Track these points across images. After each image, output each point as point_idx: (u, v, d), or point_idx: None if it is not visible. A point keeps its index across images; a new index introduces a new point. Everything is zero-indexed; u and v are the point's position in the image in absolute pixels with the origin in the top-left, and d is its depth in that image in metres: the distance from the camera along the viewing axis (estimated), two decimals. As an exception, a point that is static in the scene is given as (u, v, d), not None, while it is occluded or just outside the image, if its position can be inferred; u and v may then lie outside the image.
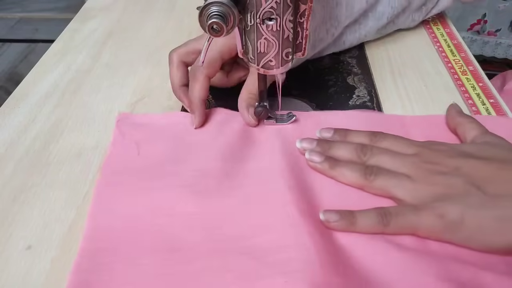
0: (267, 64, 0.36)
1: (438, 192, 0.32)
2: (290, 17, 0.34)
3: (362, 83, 0.49)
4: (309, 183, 0.36)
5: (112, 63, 0.54)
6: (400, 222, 0.31)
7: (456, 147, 0.35)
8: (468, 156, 0.33)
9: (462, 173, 0.32)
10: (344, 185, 0.35)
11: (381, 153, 0.36)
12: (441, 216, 0.30)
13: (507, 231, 0.28)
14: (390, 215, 0.31)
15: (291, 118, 0.42)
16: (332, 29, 0.46)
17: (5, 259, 0.32)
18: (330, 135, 0.39)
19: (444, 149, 0.35)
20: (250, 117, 0.41)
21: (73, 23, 0.64)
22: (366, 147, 0.36)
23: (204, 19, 0.32)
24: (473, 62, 0.51)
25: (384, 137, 0.37)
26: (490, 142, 0.36)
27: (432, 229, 0.30)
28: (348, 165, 0.35)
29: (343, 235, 0.32)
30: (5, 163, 0.40)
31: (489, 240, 0.29)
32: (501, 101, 0.45)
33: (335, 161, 0.36)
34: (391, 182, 0.33)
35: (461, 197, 0.31)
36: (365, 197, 0.34)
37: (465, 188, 0.31)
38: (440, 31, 0.58)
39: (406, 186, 0.33)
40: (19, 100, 0.48)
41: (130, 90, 0.49)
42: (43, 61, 0.55)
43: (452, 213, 0.30)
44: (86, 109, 0.47)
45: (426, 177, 0.33)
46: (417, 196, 0.32)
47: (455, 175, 0.32)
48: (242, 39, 0.36)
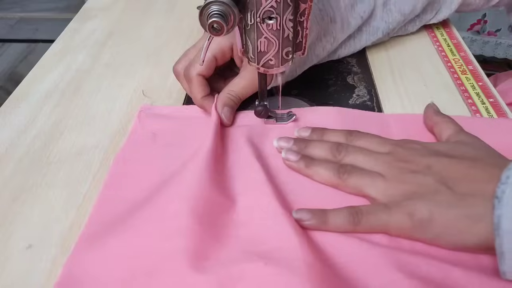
0: (267, 63, 0.37)
1: (409, 190, 0.32)
2: (290, 16, 0.34)
3: (362, 83, 0.49)
4: (286, 182, 0.36)
5: (112, 63, 0.54)
6: (370, 221, 0.31)
7: (429, 145, 0.36)
8: (439, 155, 0.34)
9: (433, 172, 0.32)
10: (320, 184, 0.36)
11: (355, 152, 0.36)
12: (410, 215, 0.30)
13: (474, 230, 0.29)
14: (361, 214, 0.31)
15: (291, 117, 0.42)
16: (328, 45, 0.46)
17: (5, 259, 0.32)
18: (308, 134, 0.40)
19: (417, 148, 0.35)
20: (223, 116, 0.41)
21: (73, 23, 0.64)
22: (341, 146, 0.37)
23: (204, 18, 0.32)
24: (472, 61, 0.51)
25: (360, 136, 0.38)
26: (463, 141, 0.36)
27: (401, 227, 0.31)
28: (323, 164, 0.36)
29: (318, 233, 0.32)
30: (5, 163, 0.40)
31: (457, 238, 0.29)
32: (500, 100, 0.45)
33: (310, 160, 0.36)
34: (364, 181, 0.34)
35: (430, 195, 0.31)
36: (341, 195, 0.35)
37: (435, 187, 0.31)
38: (440, 30, 0.58)
39: (379, 184, 0.33)
40: (19, 100, 0.48)
41: (130, 90, 0.49)
42: (43, 61, 0.55)
43: (421, 211, 0.30)
44: (86, 109, 0.47)
45: (398, 176, 0.33)
46: (389, 195, 0.32)
47: (426, 173, 0.32)
48: (242, 38, 0.36)
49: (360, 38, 0.49)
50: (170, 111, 0.45)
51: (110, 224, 0.33)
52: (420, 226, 0.30)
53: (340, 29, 0.46)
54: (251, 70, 0.41)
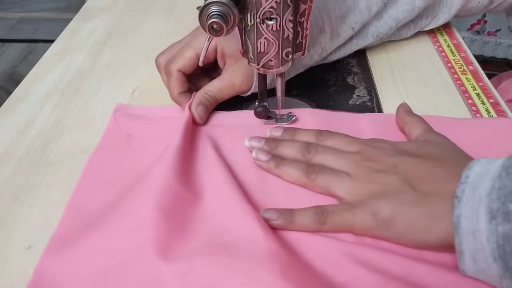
0: (267, 63, 0.37)
1: (374, 190, 0.32)
2: (290, 17, 0.34)
3: (362, 83, 0.49)
4: (256, 181, 0.37)
5: (112, 63, 0.54)
6: (336, 221, 0.32)
7: (397, 145, 0.36)
8: (405, 154, 0.34)
9: (398, 171, 0.32)
10: (290, 184, 0.36)
11: (324, 152, 0.36)
12: (373, 214, 0.31)
13: (435, 228, 0.29)
14: (326, 214, 0.32)
15: (291, 118, 0.42)
16: (315, 55, 0.46)
17: (5, 259, 0.32)
18: (280, 133, 0.40)
19: (384, 147, 0.35)
20: (196, 115, 0.41)
21: (73, 23, 0.64)
22: (311, 146, 0.37)
23: (204, 19, 0.32)
24: (473, 62, 0.51)
25: (330, 135, 0.38)
26: (430, 140, 0.36)
27: (365, 227, 0.31)
28: (292, 164, 0.36)
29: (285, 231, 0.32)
30: (5, 163, 0.40)
31: (420, 237, 0.30)
32: (501, 101, 0.45)
33: (280, 160, 0.37)
34: (332, 180, 0.34)
35: (394, 195, 0.31)
36: (310, 195, 0.35)
37: (399, 186, 0.31)
38: (440, 31, 0.58)
39: (346, 184, 0.33)
40: (19, 100, 0.48)
41: (130, 90, 0.49)
42: (43, 61, 0.55)
43: (384, 211, 0.30)
44: (86, 109, 0.47)
45: (364, 175, 0.33)
46: (355, 194, 0.33)
47: (391, 173, 0.33)
48: (242, 38, 0.36)
49: (350, 43, 0.49)
50: (146, 111, 0.44)
51: (82, 225, 0.33)
52: (383, 225, 0.30)
53: (329, 40, 0.46)
54: (231, 72, 0.41)
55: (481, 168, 0.28)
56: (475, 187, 0.27)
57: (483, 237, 0.26)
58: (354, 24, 0.46)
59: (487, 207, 0.26)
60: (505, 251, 0.25)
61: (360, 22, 0.47)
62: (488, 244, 0.26)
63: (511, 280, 0.26)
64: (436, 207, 0.29)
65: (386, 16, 0.49)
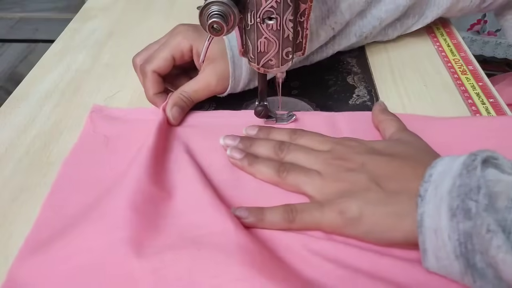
0: (267, 63, 0.37)
1: (342, 188, 0.32)
2: (290, 17, 0.34)
3: (362, 83, 0.49)
4: (230, 179, 0.37)
5: (112, 63, 0.54)
6: (304, 219, 0.32)
7: (367, 143, 0.36)
8: (374, 153, 0.34)
9: (366, 170, 0.33)
10: (264, 182, 0.36)
11: (296, 150, 0.37)
12: (341, 213, 0.31)
13: (401, 227, 0.29)
14: (295, 212, 0.32)
15: (291, 117, 0.42)
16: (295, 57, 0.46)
17: (5, 259, 0.32)
18: (255, 132, 0.40)
19: (355, 146, 0.36)
20: (170, 116, 0.41)
21: (73, 23, 0.64)
22: (284, 145, 0.37)
23: (204, 18, 0.32)
24: (472, 61, 0.51)
25: (303, 134, 0.38)
26: (401, 139, 0.37)
27: (333, 225, 0.31)
28: (265, 162, 0.36)
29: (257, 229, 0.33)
30: (5, 163, 0.40)
31: (386, 235, 0.30)
32: (501, 100, 0.45)
33: (254, 158, 0.37)
34: (302, 179, 0.34)
35: (362, 193, 0.31)
36: (283, 194, 0.35)
37: (367, 185, 0.32)
38: (440, 31, 0.58)
39: (316, 182, 0.34)
40: (19, 100, 0.48)
41: (130, 90, 0.49)
42: (43, 61, 0.55)
43: (352, 209, 0.31)
44: (86, 109, 0.47)
45: (334, 174, 0.34)
46: (324, 193, 0.33)
47: (360, 171, 0.33)
48: (242, 38, 0.36)
49: (333, 42, 0.49)
50: (124, 113, 0.44)
51: (58, 226, 0.33)
52: (351, 224, 0.31)
53: (309, 40, 0.45)
54: (207, 73, 0.42)
55: (444, 167, 0.29)
56: (438, 186, 0.28)
57: (444, 235, 0.26)
58: (335, 25, 0.46)
59: (448, 205, 0.26)
60: (467, 248, 0.26)
61: (340, 23, 0.46)
62: (449, 242, 0.26)
63: (472, 277, 0.26)
64: (401, 206, 0.30)
65: (370, 16, 0.49)
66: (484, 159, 0.27)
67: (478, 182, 0.26)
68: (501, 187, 0.26)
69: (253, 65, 0.37)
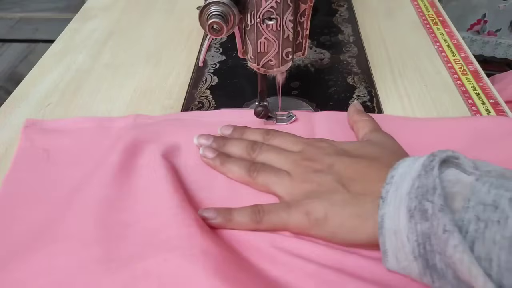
0: (267, 63, 0.37)
1: (310, 189, 0.32)
2: (290, 17, 0.34)
3: (362, 83, 0.49)
4: (202, 179, 0.37)
5: (112, 63, 0.54)
6: (272, 219, 0.32)
7: (337, 144, 0.36)
8: (343, 154, 0.34)
9: (333, 171, 0.33)
10: (236, 182, 0.36)
11: (268, 151, 0.37)
12: (307, 214, 0.31)
13: (364, 228, 0.29)
14: (263, 213, 0.32)
15: (291, 118, 0.42)
16: None
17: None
18: (229, 132, 0.40)
19: (325, 146, 0.36)
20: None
21: (73, 23, 0.64)
22: (256, 145, 0.37)
23: (204, 18, 0.32)
24: (473, 62, 0.51)
25: (276, 135, 0.39)
26: (372, 140, 0.37)
27: (300, 226, 0.31)
28: (236, 162, 0.36)
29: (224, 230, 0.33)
30: (5, 163, 0.40)
31: (350, 236, 0.30)
32: (501, 101, 0.45)
33: (226, 158, 0.37)
34: (272, 179, 0.34)
35: (328, 194, 0.31)
36: (254, 194, 0.35)
37: (333, 186, 0.32)
38: (440, 31, 0.58)
39: (285, 183, 0.34)
40: (19, 100, 0.48)
41: (130, 90, 0.49)
42: (43, 61, 0.55)
43: (317, 210, 0.31)
44: (86, 109, 0.47)
45: (302, 175, 0.34)
46: (292, 193, 0.33)
47: (327, 172, 0.33)
48: (242, 38, 0.36)
49: None
50: (60, 124, 0.43)
51: (9, 249, 0.31)
52: (316, 224, 0.31)
53: None
54: None
55: (405, 168, 0.29)
56: (398, 187, 0.28)
57: (403, 236, 0.26)
58: None
59: (407, 206, 0.26)
60: (426, 249, 0.26)
61: None
62: (408, 243, 0.26)
63: (431, 278, 0.26)
64: (365, 207, 0.30)
65: None
66: (443, 160, 0.27)
67: (434, 182, 0.26)
68: (459, 187, 0.26)
69: (253, 65, 0.37)
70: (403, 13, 0.63)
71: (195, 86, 0.49)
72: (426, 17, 0.61)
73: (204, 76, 0.50)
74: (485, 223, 0.24)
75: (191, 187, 0.36)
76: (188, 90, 0.48)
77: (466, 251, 0.23)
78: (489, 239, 0.23)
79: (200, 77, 0.50)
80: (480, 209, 0.24)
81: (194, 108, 0.46)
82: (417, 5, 0.64)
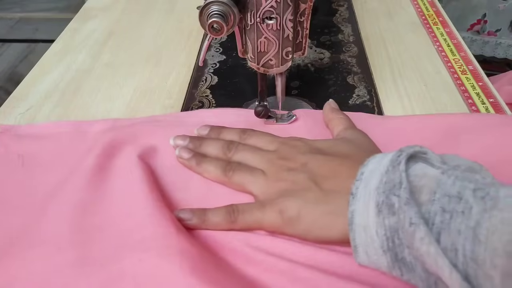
0: (267, 63, 0.37)
1: (284, 188, 0.33)
2: (290, 16, 0.34)
3: (362, 83, 0.49)
4: (179, 180, 0.37)
5: (112, 63, 0.54)
6: (246, 219, 0.32)
7: (311, 143, 0.36)
8: (317, 152, 0.35)
9: (307, 169, 0.33)
10: (213, 182, 0.36)
11: (244, 150, 0.37)
12: (281, 212, 0.31)
13: (336, 225, 0.30)
14: (237, 212, 0.32)
15: (291, 118, 0.42)
16: None
17: (5, 258, 0.32)
18: (206, 132, 0.40)
19: (299, 145, 0.36)
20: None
21: (73, 23, 0.64)
22: (232, 144, 0.38)
23: (204, 18, 0.33)
24: (472, 61, 0.51)
25: (252, 134, 0.39)
26: (346, 138, 0.37)
27: (274, 225, 0.32)
28: (212, 162, 0.37)
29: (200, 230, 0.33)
30: (5, 162, 0.40)
31: (324, 233, 0.30)
32: (501, 100, 0.45)
33: (201, 158, 0.37)
34: (247, 178, 0.35)
35: (301, 193, 0.32)
36: (231, 193, 0.35)
37: (307, 184, 0.32)
38: (439, 30, 0.58)
39: (260, 182, 0.34)
40: (19, 100, 0.48)
41: (130, 90, 0.49)
42: (43, 61, 0.55)
43: (290, 209, 0.31)
44: (86, 109, 0.47)
45: (277, 173, 0.34)
46: (267, 192, 0.33)
47: (301, 171, 0.33)
48: (242, 38, 0.36)
49: None
50: (34, 129, 0.43)
51: None
52: (290, 223, 0.31)
53: None
54: None
55: (374, 164, 0.29)
56: (367, 183, 0.28)
57: (372, 231, 0.27)
58: None
59: (375, 201, 0.27)
60: (394, 243, 0.26)
61: None
62: (377, 238, 0.26)
63: (400, 271, 0.26)
64: (337, 205, 0.30)
65: None
66: (411, 155, 0.28)
67: (400, 177, 0.26)
68: (426, 181, 0.26)
69: (253, 65, 0.37)
70: (403, 13, 0.63)
71: (195, 86, 0.49)
72: (426, 17, 0.61)
73: (204, 76, 0.50)
74: (450, 214, 0.24)
75: (168, 188, 0.36)
76: (188, 90, 0.48)
77: (432, 242, 0.24)
78: (454, 229, 0.24)
79: (200, 76, 0.50)
80: (446, 201, 0.25)
81: (194, 107, 0.46)
82: (417, 5, 0.65)
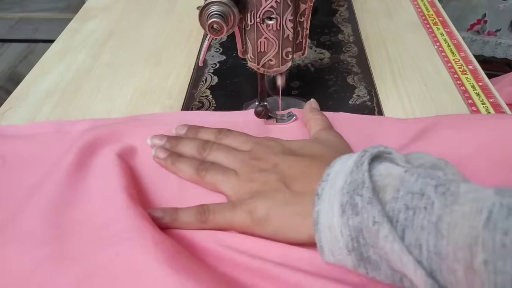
0: (267, 63, 0.37)
1: (254, 188, 0.33)
2: (290, 17, 0.34)
3: (362, 83, 0.49)
4: (157, 180, 0.37)
5: (112, 63, 0.54)
6: (217, 219, 0.32)
7: (284, 143, 0.36)
8: (288, 153, 0.35)
9: (277, 170, 0.33)
10: (188, 182, 0.36)
11: (218, 150, 0.37)
12: (250, 213, 0.31)
13: (303, 226, 0.30)
14: (208, 212, 0.32)
15: (291, 118, 0.42)
16: None
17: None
18: (184, 132, 0.40)
19: (272, 145, 0.36)
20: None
21: (73, 23, 0.64)
22: (207, 144, 0.38)
23: (204, 18, 0.33)
24: (473, 61, 0.51)
25: (228, 134, 0.39)
26: (319, 138, 0.37)
27: (243, 225, 0.32)
28: (186, 161, 0.37)
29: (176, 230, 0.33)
30: (5, 163, 0.40)
31: (292, 234, 0.30)
32: (501, 100, 0.45)
33: (176, 157, 0.37)
34: (219, 178, 0.35)
35: (270, 194, 0.32)
36: (206, 193, 0.35)
37: (276, 185, 0.32)
38: (440, 30, 0.58)
39: (232, 182, 0.34)
40: (19, 100, 0.48)
41: (130, 90, 0.49)
42: (43, 61, 0.55)
43: (260, 209, 0.31)
44: (86, 109, 0.47)
45: (249, 174, 0.34)
46: (239, 192, 0.33)
47: (272, 172, 0.33)
48: (242, 38, 0.36)
49: None
50: (15, 130, 0.43)
51: None
52: (259, 223, 0.31)
53: None
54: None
55: (340, 165, 0.29)
56: (333, 184, 0.28)
57: (337, 231, 0.27)
58: None
59: (340, 201, 0.27)
60: (359, 243, 0.26)
61: None
62: (342, 238, 0.27)
63: (365, 269, 0.27)
64: (304, 206, 0.30)
65: None
66: (376, 155, 0.28)
67: (363, 177, 0.26)
68: (390, 180, 0.26)
69: (253, 65, 0.37)
70: (403, 13, 0.63)
71: (195, 86, 0.49)
72: (426, 17, 0.61)
73: (204, 76, 0.50)
74: (413, 211, 0.24)
75: (145, 186, 0.36)
76: (188, 90, 0.48)
77: (396, 240, 0.24)
78: (417, 225, 0.24)
79: (200, 77, 0.50)
80: (409, 198, 0.25)
81: (194, 108, 0.46)
82: (417, 5, 0.65)
